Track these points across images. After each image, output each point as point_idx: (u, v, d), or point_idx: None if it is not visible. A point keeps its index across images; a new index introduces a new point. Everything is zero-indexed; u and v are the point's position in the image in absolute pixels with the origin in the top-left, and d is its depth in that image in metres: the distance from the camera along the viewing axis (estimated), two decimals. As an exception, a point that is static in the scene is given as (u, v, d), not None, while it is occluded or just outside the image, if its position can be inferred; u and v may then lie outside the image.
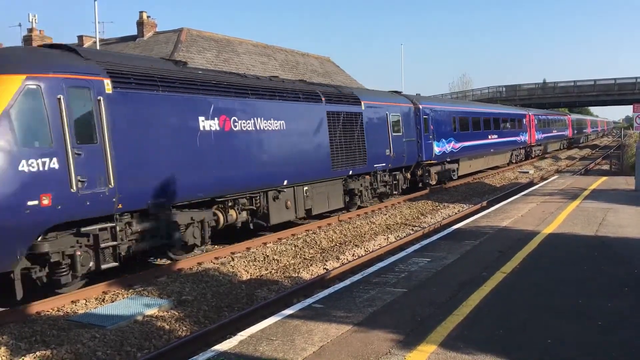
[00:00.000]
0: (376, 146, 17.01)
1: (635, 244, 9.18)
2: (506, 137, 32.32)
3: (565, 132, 53.27)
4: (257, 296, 8.99)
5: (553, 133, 47.35)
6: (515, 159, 35.35)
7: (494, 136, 29.65)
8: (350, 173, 15.79)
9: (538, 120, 40.94)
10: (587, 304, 6.14)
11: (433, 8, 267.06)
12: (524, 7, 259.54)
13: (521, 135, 35.81)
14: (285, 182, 12.94)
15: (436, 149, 21.74)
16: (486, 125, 28.78)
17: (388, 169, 18.11)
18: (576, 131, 60.12)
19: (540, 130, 41.50)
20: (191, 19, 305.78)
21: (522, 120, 36.50)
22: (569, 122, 55.57)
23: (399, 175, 19.16)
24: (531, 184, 23.49)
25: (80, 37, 33.03)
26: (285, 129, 12.94)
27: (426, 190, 21.32)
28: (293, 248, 12.16)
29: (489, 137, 28.97)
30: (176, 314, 8.01)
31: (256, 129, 12.01)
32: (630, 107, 23.92)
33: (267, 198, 12.56)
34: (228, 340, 5.56)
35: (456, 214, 16.73)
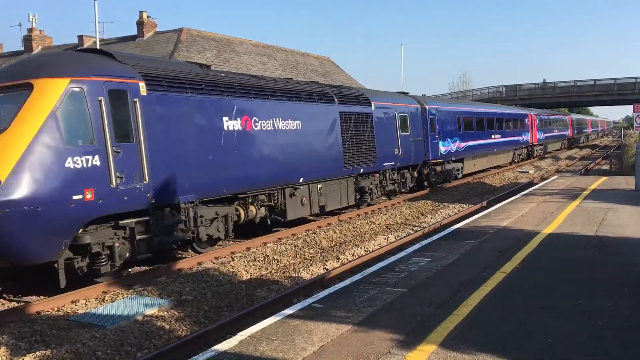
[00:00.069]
0: (385, 145, 17.46)
1: (635, 243, 9.18)
2: (509, 137, 32.63)
3: (566, 132, 53.39)
4: (257, 296, 8.99)
5: (554, 133, 47.54)
6: (517, 158, 35.62)
7: (497, 136, 29.95)
8: (361, 171, 16.26)
9: (540, 120, 41.19)
10: (587, 304, 6.14)
11: (433, 8, 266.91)
12: (524, 7, 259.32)
13: (523, 135, 36.09)
14: (301, 180, 13.47)
15: (442, 148, 22.04)
16: (490, 125, 29.07)
17: (396, 168, 18.56)
18: (576, 131, 60.17)
19: (542, 130, 41.74)
20: (191, 19, 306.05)
21: (524, 120, 36.74)
22: (570, 122, 55.66)
23: (407, 174, 19.56)
24: (531, 184, 23.48)
25: (80, 37, 33.01)
26: (301, 128, 13.52)
27: (426, 190, 21.38)
28: (293, 248, 12.16)
29: (492, 137, 29.27)
30: (176, 313, 8.01)
31: (275, 128, 12.58)
32: (630, 107, 23.91)
33: (284, 195, 13.10)
34: (228, 340, 5.56)
35: (456, 214, 16.73)
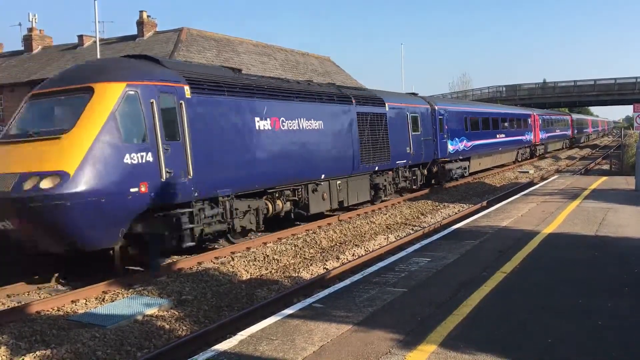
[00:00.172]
0: (398, 144, 18.35)
1: (635, 243, 9.17)
2: (513, 137, 33.34)
3: (567, 132, 53.61)
4: (257, 296, 8.98)
5: (556, 132, 47.93)
6: (520, 157, 36.23)
7: (501, 135, 30.66)
8: (376, 169, 17.09)
9: (542, 120, 41.78)
10: (587, 304, 6.14)
11: (433, 8, 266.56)
12: (524, 7, 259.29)
13: (527, 134, 36.76)
14: (322, 176, 14.36)
15: (450, 147, 22.74)
16: (495, 125, 29.77)
17: (408, 166, 19.39)
18: (577, 131, 60.28)
19: (544, 130, 42.32)
20: (191, 19, 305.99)
21: (528, 120, 37.33)
22: (571, 122, 55.80)
23: (418, 172, 20.36)
24: (531, 183, 23.47)
25: (81, 37, 33.04)
26: (323, 128, 14.42)
27: (426, 190, 21.48)
28: (293, 248, 12.16)
29: (497, 137, 29.95)
30: (176, 313, 8.01)
31: (299, 128, 13.48)
32: (631, 107, 23.92)
33: (308, 190, 13.97)
34: (228, 340, 5.55)
35: (456, 213, 16.73)
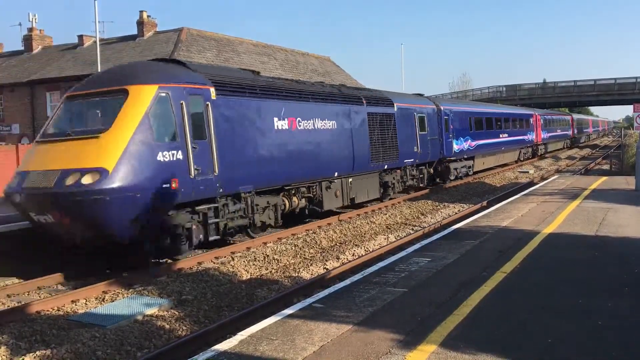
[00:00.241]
0: (406, 144, 18.99)
1: (635, 243, 9.17)
2: (516, 136, 33.83)
3: (568, 132, 53.82)
4: (257, 296, 8.98)
5: (557, 132, 48.28)
6: (523, 156, 36.66)
7: (504, 135, 31.15)
8: (385, 167, 17.67)
9: (544, 120, 42.25)
10: (587, 304, 6.13)
11: (433, 8, 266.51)
12: (524, 7, 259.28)
13: (529, 134, 37.27)
14: (335, 174, 14.92)
15: (455, 146, 23.21)
16: (498, 125, 30.25)
17: (415, 164, 20.04)
18: (578, 131, 60.36)
19: (546, 130, 42.81)
20: (191, 19, 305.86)
21: (530, 120, 37.78)
22: (572, 122, 55.90)
23: (424, 170, 20.97)
24: (531, 183, 23.47)
25: (81, 37, 33.04)
26: (336, 128, 15.02)
27: (426, 190, 21.52)
28: (293, 248, 12.16)
29: (501, 136, 30.45)
30: (176, 313, 8.00)
31: (314, 128, 14.08)
32: (631, 107, 23.92)
33: (322, 187, 14.54)
34: (228, 340, 5.54)
35: (456, 213, 16.73)
